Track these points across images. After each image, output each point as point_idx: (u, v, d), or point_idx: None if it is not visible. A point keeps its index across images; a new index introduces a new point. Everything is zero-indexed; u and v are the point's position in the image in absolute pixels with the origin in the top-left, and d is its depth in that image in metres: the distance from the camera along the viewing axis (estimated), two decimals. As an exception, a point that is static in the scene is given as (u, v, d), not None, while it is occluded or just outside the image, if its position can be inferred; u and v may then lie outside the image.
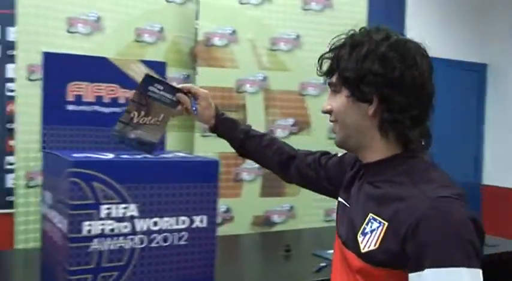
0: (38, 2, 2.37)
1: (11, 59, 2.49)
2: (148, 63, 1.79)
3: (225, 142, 1.64)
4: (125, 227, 1.39)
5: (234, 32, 2.74)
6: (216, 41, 2.71)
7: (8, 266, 2.03)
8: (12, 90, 2.51)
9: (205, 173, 1.50)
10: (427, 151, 1.23)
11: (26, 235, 2.36)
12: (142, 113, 1.52)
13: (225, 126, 1.59)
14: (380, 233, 1.07)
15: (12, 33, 2.52)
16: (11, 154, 2.49)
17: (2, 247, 2.27)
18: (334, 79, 1.19)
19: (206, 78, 2.70)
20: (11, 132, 2.50)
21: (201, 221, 1.49)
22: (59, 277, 1.42)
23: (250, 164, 2.69)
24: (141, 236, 1.41)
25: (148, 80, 1.53)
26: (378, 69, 1.10)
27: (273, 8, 2.82)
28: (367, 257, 1.06)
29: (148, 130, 1.56)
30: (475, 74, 4.56)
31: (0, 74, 2.52)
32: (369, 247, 1.07)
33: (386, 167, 1.16)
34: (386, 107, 1.12)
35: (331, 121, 1.22)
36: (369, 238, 1.09)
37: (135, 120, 1.53)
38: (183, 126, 2.74)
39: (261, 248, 2.52)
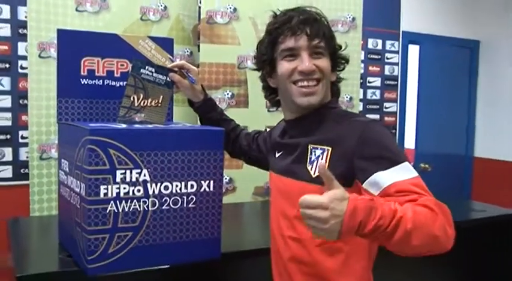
0: (48, -19, 2.46)
1: (22, 37, 2.59)
2: (156, 40, 1.85)
3: (228, 114, 1.84)
4: (138, 190, 1.49)
5: (235, 10, 2.81)
6: (218, 19, 2.79)
7: (26, 232, 2.15)
8: (24, 68, 2.60)
9: (212, 141, 1.60)
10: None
11: (41, 204, 2.48)
12: (141, 95, 1.62)
13: (209, 104, 1.78)
14: (326, 158, 1.28)
15: (23, 13, 2.60)
16: (24, 128, 2.60)
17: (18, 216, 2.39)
18: (322, 43, 1.36)
19: (209, 54, 2.78)
20: (23, 108, 2.60)
21: (208, 185, 1.60)
22: (78, 237, 1.53)
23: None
24: (153, 199, 1.51)
25: (138, 64, 1.62)
26: (336, 43, 1.43)
27: (273, -13, 2.90)
28: (319, 180, 1.14)
29: (152, 112, 1.65)
30: (467, 51, 4.64)
31: (13, 52, 2.61)
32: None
33: (320, 115, 1.40)
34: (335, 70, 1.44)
35: (315, 80, 1.36)
36: (317, 164, 1.29)
37: (136, 104, 1.62)
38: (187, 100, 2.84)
39: (262, 214, 2.64)
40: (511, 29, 4.48)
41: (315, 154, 1.32)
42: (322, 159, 1.29)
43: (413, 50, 4.32)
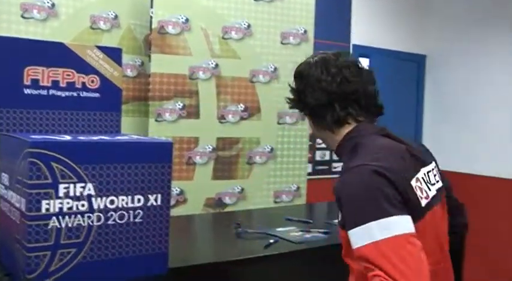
0: (-9, -14, 2.37)
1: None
2: (104, 49, 1.82)
3: (178, 126, 1.80)
4: (82, 205, 1.45)
5: (187, 20, 2.79)
6: (170, 29, 2.76)
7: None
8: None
9: (159, 153, 1.57)
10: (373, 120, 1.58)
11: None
12: None
13: None
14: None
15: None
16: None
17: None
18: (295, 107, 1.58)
19: (160, 65, 2.75)
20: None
21: (156, 199, 1.57)
22: (18, 255, 1.47)
23: (202, 147, 2.77)
24: (98, 214, 1.47)
25: None
26: (293, 86, 1.52)
27: (225, -2, 2.91)
28: (340, 224, 1.32)
29: None
30: (414, 64, 4.82)
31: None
32: (339, 218, 1.34)
33: (340, 152, 1.48)
34: (310, 108, 1.48)
35: None
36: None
37: None
38: (137, 111, 2.79)
39: (213, 227, 2.61)
40: (456, 44, 4.67)
41: None
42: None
43: (363, 63, 4.42)
